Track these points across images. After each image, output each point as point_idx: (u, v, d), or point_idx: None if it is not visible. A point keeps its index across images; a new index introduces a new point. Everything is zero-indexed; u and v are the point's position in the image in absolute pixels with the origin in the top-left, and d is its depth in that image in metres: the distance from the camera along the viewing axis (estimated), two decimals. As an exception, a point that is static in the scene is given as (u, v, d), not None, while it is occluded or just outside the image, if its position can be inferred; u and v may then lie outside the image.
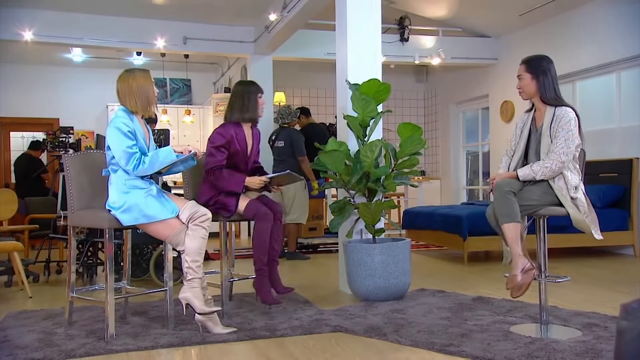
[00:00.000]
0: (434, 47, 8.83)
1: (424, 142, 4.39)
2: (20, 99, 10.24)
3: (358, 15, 4.68)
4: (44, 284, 5.35)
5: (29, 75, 10.26)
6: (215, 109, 9.80)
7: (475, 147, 10.36)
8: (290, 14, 6.23)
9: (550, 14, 7.70)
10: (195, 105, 10.93)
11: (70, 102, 10.51)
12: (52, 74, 10.39)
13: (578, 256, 6.48)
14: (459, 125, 10.63)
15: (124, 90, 3.38)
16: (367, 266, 4.21)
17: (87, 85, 10.61)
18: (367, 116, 4.37)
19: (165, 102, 10.87)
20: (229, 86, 9.95)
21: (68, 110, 10.51)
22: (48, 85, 10.42)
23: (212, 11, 7.43)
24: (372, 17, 4.72)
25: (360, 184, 4.37)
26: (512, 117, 8.75)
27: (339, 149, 4.30)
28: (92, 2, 7.04)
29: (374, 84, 4.33)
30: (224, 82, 10.38)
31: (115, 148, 3.29)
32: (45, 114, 10.42)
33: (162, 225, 3.32)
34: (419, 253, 7.21)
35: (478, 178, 10.22)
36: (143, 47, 7.92)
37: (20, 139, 10.48)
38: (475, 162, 10.38)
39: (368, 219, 4.34)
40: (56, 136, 7.67)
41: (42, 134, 10.38)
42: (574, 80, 7.79)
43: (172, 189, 7.38)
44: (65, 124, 10.48)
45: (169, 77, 11.02)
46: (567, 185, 3.30)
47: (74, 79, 10.51)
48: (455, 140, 10.62)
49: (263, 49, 7.82)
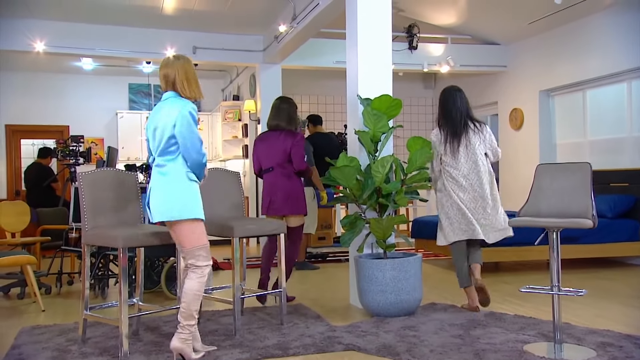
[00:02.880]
0: (443, 54, 8.82)
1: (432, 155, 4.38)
2: (31, 106, 10.30)
3: (369, 24, 4.70)
4: (56, 296, 5.38)
5: (40, 83, 10.31)
6: (224, 117, 9.82)
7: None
8: (300, 26, 6.24)
9: (560, 22, 7.67)
10: (204, 113, 10.95)
11: (80, 110, 10.55)
12: (62, 82, 10.44)
13: (588, 267, 6.45)
14: (467, 132, 10.59)
15: (181, 77, 3.16)
16: (379, 282, 4.21)
17: (96, 92, 10.65)
18: (379, 131, 4.37)
19: (174, 109, 10.89)
20: (238, 94, 9.97)
21: (78, 118, 10.54)
22: (58, 93, 10.48)
23: (221, 21, 7.46)
24: (383, 26, 4.74)
25: (372, 199, 4.37)
26: (522, 125, 8.73)
27: (350, 165, 4.30)
28: (103, 12, 7.08)
29: (386, 100, 4.33)
30: (232, 89, 10.40)
31: (189, 135, 3.07)
32: (56, 122, 10.47)
33: (200, 228, 3.21)
34: (429, 262, 7.20)
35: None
36: (153, 56, 7.95)
37: (30, 146, 10.53)
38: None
39: (379, 234, 4.34)
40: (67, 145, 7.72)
41: (52, 141, 10.44)
42: (584, 88, 7.77)
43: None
44: (75, 131, 10.51)
45: (178, 84, 11.05)
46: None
47: (84, 86, 10.56)
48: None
49: (272, 58, 7.83)
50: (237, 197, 4.33)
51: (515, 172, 8.87)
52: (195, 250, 3.21)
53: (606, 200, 6.60)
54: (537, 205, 3.60)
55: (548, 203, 3.56)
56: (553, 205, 3.54)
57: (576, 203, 3.45)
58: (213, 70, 10.47)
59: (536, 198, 3.63)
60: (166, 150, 3.15)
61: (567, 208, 3.48)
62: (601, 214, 6.44)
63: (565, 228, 3.29)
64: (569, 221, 3.27)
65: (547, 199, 3.57)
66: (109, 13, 7.10)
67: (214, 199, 4.19)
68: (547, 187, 3.60)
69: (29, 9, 6.84)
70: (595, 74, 7.38)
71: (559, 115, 8.32)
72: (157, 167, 3.21)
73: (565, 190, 3.52)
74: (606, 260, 6.74)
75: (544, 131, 8.39)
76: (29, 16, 7.07)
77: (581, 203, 3.41)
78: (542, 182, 3.64)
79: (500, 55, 9.05)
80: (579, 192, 3.46)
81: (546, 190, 3.58)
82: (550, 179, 3.60)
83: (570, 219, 3.34)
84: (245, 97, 9.35)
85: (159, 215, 3.17)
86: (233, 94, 10.10)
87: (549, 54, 8.16)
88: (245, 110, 8.82)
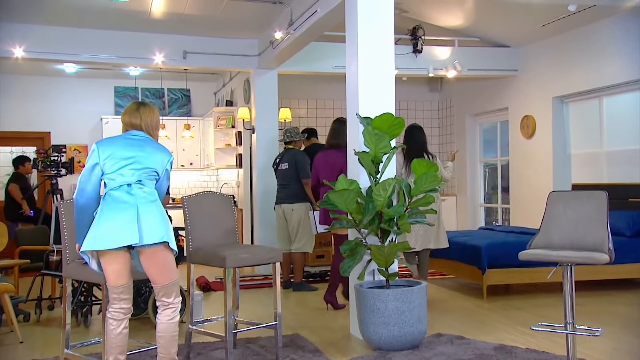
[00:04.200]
0: (450, 58, 8.81)
1: (440, 179, 4.38)
2: (9, 111, 10.26)
3: (370, 27, 4.70)
4: (35, 323, 5.36)
5: (18, 86, 10.27)
6: (216, 123, 9.81)
7: (493, 162, 10.33)
8: (297, 32, 6.23)
9: (575, 24, 7.65)
10: (195, 117, 10.95)
11: (62, 115, 10.51)
12: (43, 85, 10.39)
13: (604, 289, 6.43)
14: (475, 139, 10.59)
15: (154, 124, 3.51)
16: (381, 313, 4.20)
17: (80, 96, 10.62)
18: (380, 152, 4.36)
19: (163, 114, 10.88)
20: (231, 99, 9.96)
21: (60, 124, 10.51)
22: (39, 97, 10.43)
23: (213, 24, 7.44)
24: (385, 29, 4.75)
25: (373, 224, 4.36)
26: (534, 133, 8.71)
27: (350, 188, 4.29)
28: (86, 15, 7.05)
29: (387, 119, 4.32)
30: (225, 93, 10.39)
31: (168, 181, 3.55)
32: (36, 128, 10.44)
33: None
34: (434, 282, 7.19)
35: (497, 194, 10.18)
36: (140, 62, 7.93)
37: (9, 154, 10.51)
38: (494, 174, 10.33)
39: (381, 262, 4.33)
40: (47, 155, 7.69)
41: (33, 149, 10.42)
42: (600, 95, 7.76)
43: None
44: (57, 138, 10.51)
45: (167, 87, 11.04)
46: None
47: (66, 90, 10.51)
48: (472, 154, 10.59)
49: (267, 63, 7.82)
50: (230, 223, 4.33)
51: (526, 183, 8.86)
52: (174, 285, 3.32)
53: (624, 216, 6.59)
54: (549, 235, 3.60)
55: (561, 233, 3.56)
56: (566, 235, 3.53)
57: (591, 234, 3.45)
58: (205, 72, 10.45)
59: (548, 227, 3.62)
60: (147, 178, 3.33)
61: (581, 239, 3.48)
62: (618, 232, 6.43)
63: (580, 264, 3.28)
64: (583, 256, 3.27)
65: (560, 228, 3.57)
66: (93, 16, 7.07)
67: (205, 225, 4.18)
68: (560, 215, 3.60)
69: (7, 11, 6.81)
70: (613, 81, 7.37)
71: (574, 124, 8.32)
72: (139, 187, 3.28)
73: (579, 220, 3.52)
74: (624, 282, 6.73)
75: (557, 140, 8.38)
76: (7, 19, 7.04)
77: (597, 234, 3.41)
78: (554, 211, 3.64)
79: (511, 59, 9.04)
80: (594, 222, 3.46)
81: (559, 219, 3.58)
82: (563, 207, 3.60)
83: (585, 252, 3.34)
84: (239, 103, 9.34)
85: (158, 236, 3.21)
86: (226, 99, 10.08)
87: (563, 58, 8.15)
88: (239, 119, 8.81)
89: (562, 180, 8.30)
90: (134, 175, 3.27)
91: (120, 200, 3.20)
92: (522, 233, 6.86)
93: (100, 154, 3.25)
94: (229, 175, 10.45)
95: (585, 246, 3.43)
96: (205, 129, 10.72)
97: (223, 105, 10.10)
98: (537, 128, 8.67)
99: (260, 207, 8.20)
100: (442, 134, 11.27)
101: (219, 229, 4.26)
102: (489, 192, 10.73)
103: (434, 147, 11.03)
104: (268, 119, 8.20)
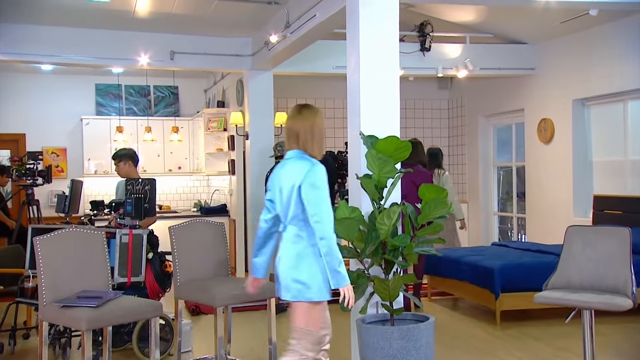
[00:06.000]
0: (460, 56, 8.79)
1: (449, 206, 4.39)
2: (-21, 111, 10.26)
3: (372, 24, 4.72)
4: (9, 355, 5.39)
5: (-10, 84, 10.26)
6: (207, 126, 9.80)
7: (508, 166, 10.33)
8: (293, 36, 6.23)
9: (598, 21, 7.61)
10: (184, 118, 10.93)
11: (38, 115, 10.48)
12: (17, 83, 10.35)
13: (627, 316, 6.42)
14: (488, 141, 10.59)
15: (305, 131, 3.49)
16: (384, 352, 4.21)
17: (58, 95, 10.59)
18: (384, 177, 4.36)
19: (148, 113, 10.89)
20: (223, 100, 9.95)
21: (36, 125, 10.48)
22: (12, 96, 10.39)
23: (202, 22, 7.42)
24: (389, 26, 4.77)
25: (376, 254, 4.37)
26: (552, 138, 8.71)
27: (351, 216, 4.30)
28: (65, 14, 7.04)
29: (392, 142, 4.32)
30: (216, 93, 10.37)
31: (324, 209, 3.37)
32: (9, 129, 10.41)
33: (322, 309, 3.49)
34: (442, 305, 7.21)
35: (512, 201, 10.18)
36: (124, 63, 7.94)
37: (-20, 158, 10.52)
38: (508, 177, 10.33)
39: (385, 296, 4.34)
40: (22, 163, 7.71)
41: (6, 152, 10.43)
42: (625, 99, 7.76)
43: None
44: (32, 140, 10.51)
45: (153, 84, 11.02)
46: None
47: (42, 88, 10.47)
48: (485, 157, 10.59)
49: (262, 64, 7.81)
50: (221, 254, 4.35)
51: (544, 191, 8.87)
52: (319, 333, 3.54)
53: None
54: (567, 274, 3.62)
55: (580, 272, 3.58)
56: (586, 275, 3.55)
57: (613, 274, 3.47)
58: (194, 68, 10.43)
59: (567, 265, 3.64)
60: (295, 222, 3.50)
61: (602, 280, 3.50)
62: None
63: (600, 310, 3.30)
64: (603, 301, 3.29)
65: (579, 267, 3.59)
66: (72, 15, 7.06)
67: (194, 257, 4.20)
68: (579, 253, 3.62)
69: (-22, 10, 6.82)
70: (638, 84, 7.37)
71: (596, 129, 8.32)
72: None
73: (600, 259, 3.54)
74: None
75: (577, 146, 8.38)
76: (-21, 18, 7.05)
77: (619, 275, 3.43)
78: (573, 247, 3.66)
79: (528, 57, 9.03)
80: (616, 262, 3.47)
81: (578, 257, 3.60)
82: (582, 244, 3.62)
83: (606, 295, 3.36)
84: (232, 104, 9.34)
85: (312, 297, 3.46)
86: (217, 100, 10.07)
87: (585, 57, 8.13)
88: (231, 124, 8.80)
89: (582, 190, 8.31)
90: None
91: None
92: (539, 252, 6.88)
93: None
94: (221, 182, 10.46)
95: (606, 287, 3.45)
96: (195, 130, 10.71)
97: (214, 106, 10.10)
98: (556, 132, 8.67)
99: (254, 218, 8.20)
100: (453, 135, 11.26)
101: (210, 260, 4.29)
102: (503, 197, 10.74)
103: (443, 149, 11.02)
104: (263, 125, 8.21)
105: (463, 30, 8.86)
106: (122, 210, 5.12)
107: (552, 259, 5.93)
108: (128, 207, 5.05)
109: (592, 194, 8.16)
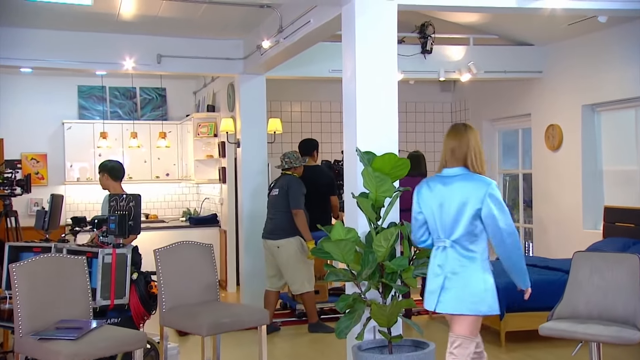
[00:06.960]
0: (464, 59, 8.78)
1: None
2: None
3: (369, 35, 4.75)
4: (-14, 381, 5.37)
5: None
6: (196, 131, 9.80)
7: (514, 173, 10.35)
8: (287, 41, 6.23)
9: (607, 24, 7.58)
10: (172, 122, 10.91)
11: (16, 119, 10.37)
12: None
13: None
14: (494, 146, 10.60)
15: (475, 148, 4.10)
16: (382, 382, 4.22)
17: (38, 97, 10.52)
18: (382, 196, 4.37)
19: (134, 116, 10.86)
20: (214, 104, 9.95)
21: (14, 129, 10.37)
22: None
23: (191, 25, 7.42)
24: (387, 36, 4.80)
25: (373, 278, 4.38)
26: (560, 145, 8.72)
27: (347, 237, 4.31)
28: (45, 16, 7.03)
29: (390, 159, 4.33)
30: (206, 96, 10.37)
31: (508, 222, 3.79)
32: (-15, 134, 10.39)
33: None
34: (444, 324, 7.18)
35: (518, 208, 10.19)
36: (108, 67, 7.92)
37: (-44, 165, 10.49)
38: (514, 184, 10.34)
39: (382, 322, 4.35)
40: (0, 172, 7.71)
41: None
42: (637, 106, 7.76)
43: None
44: (10, 146, 10.42)
45: (140, 85, 11.00)
46: None
47: (21, 90, 10.39)
48: (490, 163, 10.60)
49: (254, 68, 7.81)
50: (210, 277, 4.35)
51: (552, 201, 8.89)
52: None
53: (662, 250, 6.62)
54: (574, 303, 3.63)
55: (587, 301, 3.59)
56: (594, 304, 3.56)
57: (622, 304, 3.48)
58: (183, 73, 10.42)
59: (573, 293, 3.65)
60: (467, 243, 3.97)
61: (610, 309, 3.51)
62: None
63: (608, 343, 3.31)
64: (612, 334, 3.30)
65: (587, 295, 3.60)
66: (53, 17, 7.05)
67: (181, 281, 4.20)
68: (586, 280, 3.63)
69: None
70: (652, 90, 7.39)
71: (606, 136, 8.33)
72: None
73: (608, 287, 3.54)
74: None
75: (587, 154, 8.38)
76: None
77: (628, 305, 3.44)
78: (579, 274, 3.67)
79: (535, 59, 9.03)
80: (625, 291, 3.48)
81: (585, 285, 3.61)
82: (589, 271, 3.63)
83: (615, 327, 3.36)
84: (222, 109, 9.34)
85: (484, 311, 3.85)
86: (207, 104, 10.07)
87: (595, 60, 8.13)
88: (222, 131, 8.80)
89: (592, 200, 8.31)
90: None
91: None
92: (546, 268, 6.89)
93: None
94: (211, 190, 10.45)
95: (614, 317, 3.45)
96: (183, 134, 10.70)
97: (204, 110, 10.09)
98: (564, 139, 8.67)
99: (247, 230, 8.20)
100: (456, 140, 11.25)
101: (197, 284, 4.29)
102: (509, 204, 10.75)
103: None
104: (255, 132, 8.20)
105: (466, 31, 8.86)
106: (105, 227, 5.11)
107: (559, 277, 5.94)
108: (112, 224, 5.02)
109: (602, 204, 8.16)
